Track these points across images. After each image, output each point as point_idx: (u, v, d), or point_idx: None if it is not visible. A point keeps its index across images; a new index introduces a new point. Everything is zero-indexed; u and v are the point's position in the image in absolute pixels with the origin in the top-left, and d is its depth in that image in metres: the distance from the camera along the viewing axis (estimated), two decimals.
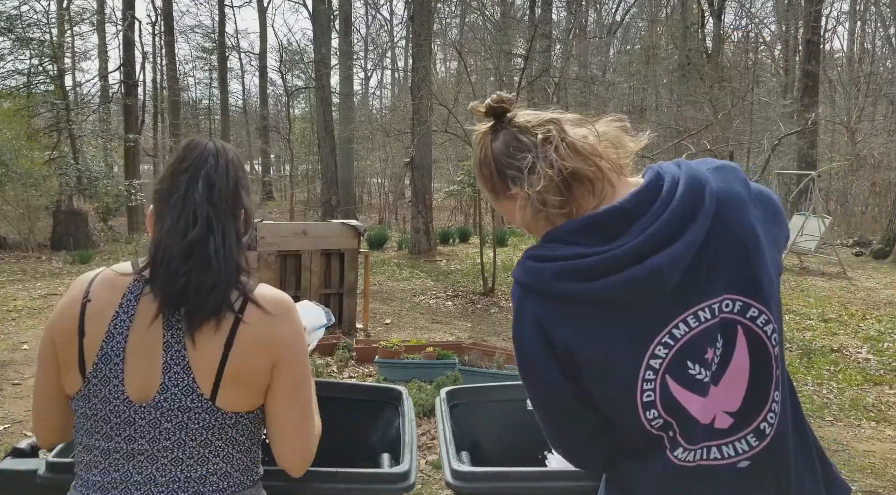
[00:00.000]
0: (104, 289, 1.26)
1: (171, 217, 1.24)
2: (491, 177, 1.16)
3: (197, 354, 1.22)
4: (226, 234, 1.25)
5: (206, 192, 1.26)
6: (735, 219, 1.06)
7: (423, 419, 4.39)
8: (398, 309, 8.33)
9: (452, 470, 1.56)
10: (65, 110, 16.08)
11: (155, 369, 1.22)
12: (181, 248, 1.21)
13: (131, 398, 1.22)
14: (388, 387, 1.98)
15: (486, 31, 18.23)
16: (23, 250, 13.09)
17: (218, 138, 1.38)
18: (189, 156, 1.29)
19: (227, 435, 1.26)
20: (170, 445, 1.23)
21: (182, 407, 1.22)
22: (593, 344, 1.06)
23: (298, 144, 25.11)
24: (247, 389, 1.25)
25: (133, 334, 1.23)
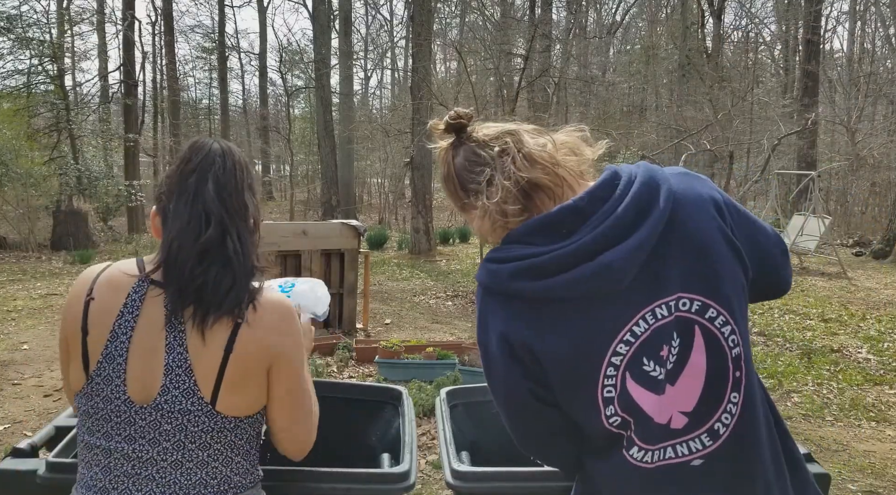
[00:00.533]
0: (108, 289, 1.26)
1: (181, 218, 1.24)
2: (456, 192, 1.19)
3: (199, 357, 1.22)
4: (240, 234, 1.26)
5: (216, 193, 1.26)
6: (693, 221, 1.07)
7: (423, 419, 4.39)
8: (398, 309, 8.33)
9: (452, 470, 1.56)
10: (65, 110, 16.07)
11: (157, 371, 1.22)
12: (197, 249, 1.21)
13: (133, 398, 1.23)
14: (388, 387, 1.98)
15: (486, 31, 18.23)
16: (23, 250, 13.09)
17: (221, 139, 1.38)
18: (195, 157, 1.29)
19: (227, 438, 1.26)
20: (169, 447, 1.23)
21: (182, 410, 1.22)
22: (552, 341, 1.07)
23: (298, 144, 25.10)
24: (246, 393, 1.26)
25: (137, 334, 1.23)
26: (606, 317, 1.06)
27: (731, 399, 1.09)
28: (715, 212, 1.10)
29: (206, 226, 1.23)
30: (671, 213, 1.06)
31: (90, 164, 15.84)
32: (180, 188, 1.27)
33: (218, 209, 1.25)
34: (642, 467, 1.10)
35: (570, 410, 1.13)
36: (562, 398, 1.12)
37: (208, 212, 1.24)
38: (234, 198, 1.28)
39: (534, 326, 1.08)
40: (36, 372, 5.53)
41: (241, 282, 1.23)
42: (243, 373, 1.23)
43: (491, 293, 1.12)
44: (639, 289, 1.05)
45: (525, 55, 11.51)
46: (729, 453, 1.09)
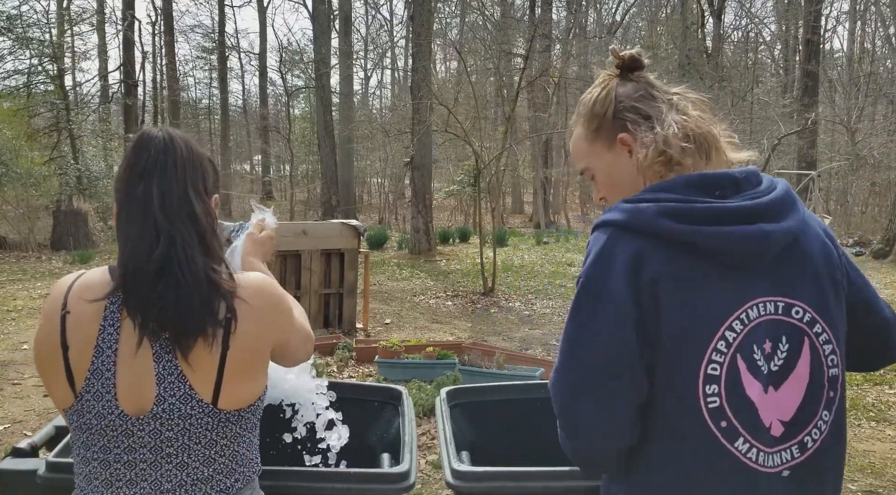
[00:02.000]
0: (83, 301, 1.20)
1: (133, 233, 1.19)
2: (602, 117, 1.20)
3: (192, 361, 1.18)
4: (186, 245, 1.19)
5: (160, 202, 1.20)
6: (812, 245, 1.14)
7: (423, 419, 4.39)
8: (398, 309, 8.33)
9: (452, 470, 1.56)
10: (65, 110, 16.07)
11: (148, 381, 1.18)
12: (150, 270, 1.16)
13: (126, 412, 1.18)
14: (388, 387, 1.98)
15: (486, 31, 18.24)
16: (23, 250, 13.09)
17: (167, 127, 1.31)
18: (140, 160, 1.23)
19: (232, 432, 1.24)
20: (173, 451, 1.20)
21: (182, 415, 1.19)
22: (679, 294, 1.05)
23: (298, 144, 25.10)
24: (250, 382, 1.24)
25: (122, 347, 1.18)
26: (732, 288, 1.07)
27: (823, 417, 1.12)
28: (832, 248, 1.18)
29: (156, 242, 1.17)
30: (802, 222, 1.13)
31: (90, 164, 15.85)
32: (129, 197, 1.22)
33: (164, 221, 1.19)
34: (750, 466, 1.06)
35: (666, 377, 1.07)
36: (664, 360, 1.06)
37: (157, 226, 1.18)
38: (176, 204, 1.21)
39: (666, 270, 1.05)
40: (36, 373, 5.52)
41: (196, 299, 1.16)
42: (245, 366, 1.22)
43: (627, 231, 1.07)
44: (763, 276, 1.08)
45: (525, 55, 11.51)
46: (812, 467, 1.11)
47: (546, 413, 2.01)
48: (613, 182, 1.21)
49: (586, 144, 1.23)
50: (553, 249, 14.94)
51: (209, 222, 1.25)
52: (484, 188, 10.97)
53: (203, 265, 1.19)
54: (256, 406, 1.28)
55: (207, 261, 1.21)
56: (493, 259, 9.56)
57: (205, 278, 1.19)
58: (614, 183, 1.21)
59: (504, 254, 13.01)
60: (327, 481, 1.48)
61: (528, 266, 12.25)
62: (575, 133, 1.25)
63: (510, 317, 8.03)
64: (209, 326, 1.17)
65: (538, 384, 2.26)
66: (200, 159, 1.29)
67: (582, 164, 1.26)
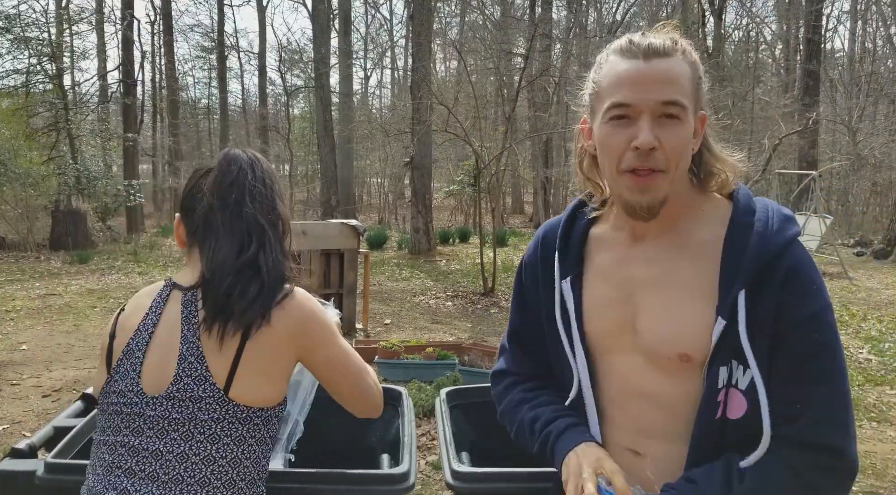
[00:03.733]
0: (137, 300, 1.37)
1: (225, 235, 1.30)
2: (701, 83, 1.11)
3: (212, 346, 1.24)
4: (273, 246, 1.32)
5: (254, 207, 1.33)
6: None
7: (423, 419, 4.38)
8: (398, 309, 8.33)
9: (452, 471, 1.55)
10: (63, 110, 16.06)
11: (171, 361, 1.25)
12: (237, 266, 1.27)
13: (145, 389, 1.25)
14: (388, 388, 1.97)
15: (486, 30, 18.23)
16: (21, 250, 13.08)
17: (247, 148, 1.45)
18: (231, 171, 1.35)
19: (237, 432, 1.25)
20: (177, 437, 1.22)
21: (193, 397, 1.23)
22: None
23: (298, 144, 25.11)
24: (266, 379, 1.27)
25: (158, 331, 1.29)
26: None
27: None
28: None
29: (249, 242, 1.30)
30: None
31: (89, 164, 15.83)
32: (223, 202, 1.32)
33: (258, 224, 1.31)
34: None
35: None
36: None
37: (250, 228, 1.31)
38: (269, 211, 1.34)
39: None
40: (34, 373, 5.52)
41: (266, 291, 1.27)
42: (261, 360, 1.25)
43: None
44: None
45: (525, 54, 11.51)
46: None
47: None
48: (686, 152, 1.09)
49: (691, 89, 1.07)
50: None
51: (286, 228, 1.39)
52: (484, 188, 10.96)
53: (283, 265, 1.32)
54: (268, 414, 1.29)
55: (285, 261, 1.34)
56: (494, 259, 9.56)
57: (281, 276, 1.31)
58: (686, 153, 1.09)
59: (504, 254, 13.00)
60: (327, 482, 1.48)
61: None
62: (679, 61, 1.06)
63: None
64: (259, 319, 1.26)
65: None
66: (276, 174, 1.44)
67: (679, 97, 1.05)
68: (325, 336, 1.35)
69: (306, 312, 1.32)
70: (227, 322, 1.24)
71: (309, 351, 1.32)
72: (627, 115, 1.05)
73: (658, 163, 1.05)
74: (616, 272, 1.19)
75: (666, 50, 1.05)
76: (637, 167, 1.06)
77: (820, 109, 17.11)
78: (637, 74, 1.04)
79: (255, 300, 1.25)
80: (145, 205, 21.28)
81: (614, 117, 1.06)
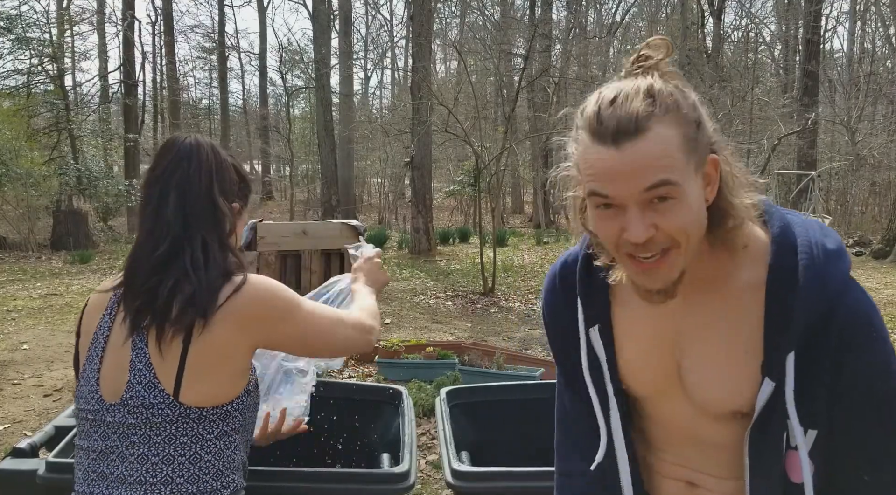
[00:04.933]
0: (98, 295, 1.34)
1: (144, 230, 1.29)
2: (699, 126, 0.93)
3: (157, 351, 1.23)
4: (205, 242, 1.26)
5: (178, 202, 1.27)
6: None
7: (423, 419, 4.38)
8: (398, 309, 8.33)
9: (452, 470, 1.56)
10: (65, 110, 16.06)
11: (124, 368, 1.25)
12: (151, 263, 1.25)
13: (104, 397, 1.26)
14: (388, 387, 1.98)
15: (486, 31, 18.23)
16: (23, 250, 13.08)
17: (196, 135, 1.37)
18: (161, 163, 1.31)
19: (193, 430, 1.24)
20: (136, 440, 1.23)
21: (146, 404, 1.22)
22: None
23: (298, 144, 25.09)
24: (217, 379, 1.25)
25: (112, 335, 1.28)
26: None
27: None
28: None
29: (163, 241, 1.25)
30: None
31: (90, 164, 15.83)
32: (145, 198, 1.30)
33: (177, 220, 1.26)
34: None
35: None
36: None
37: (168, 224, 1.26)
38: (199, 204, 1.28)
39: None
40: (36, 372, 5.52)
41: (202, 293, 1.22)
42: (210, 362, 1.23)
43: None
44: None
45: (525, 55, 11.51)
46: None
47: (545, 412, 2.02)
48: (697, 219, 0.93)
49: (682, 154, 0.90)
50: (553, 249, 14.93)
51: (232, 223, 1.33)
52: (484, 188, 10.96)
53: (214, 265, 1.25)
54: (224, 410, 1.26)
55: (220, 262, 1.27)
56: (493, 259, 9.56)
57: (220, 273, 1.25)
58: (697, 221, 0.93)
59: (504, 254, 13.00)
60: (327, 481, 1.48)
61: (528, 266, 12.24)
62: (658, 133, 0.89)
63: (510, 317, 8.03)
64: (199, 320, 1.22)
65: (538, 384, 2.26)
66: (225, 165, 1.35)
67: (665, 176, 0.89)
68: (283, 315, 1.30)
69: (258, 302, 1.27)
70: (162, 328, 1.22)
71: (266, 336, 1.29)
72: (612, 204, 0.91)
73: (661, 245, 0.92)
74: (651, 320, 1.05)
75: (638, 126, 0.88)
76: (638, 256, 0.93)
77: (819, 110, 17.11)
78: (610, 167, 0.89)
79: (190, 301, 1.21)
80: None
81: (599, 206, 0.93)
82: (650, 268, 0.93)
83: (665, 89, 0.92)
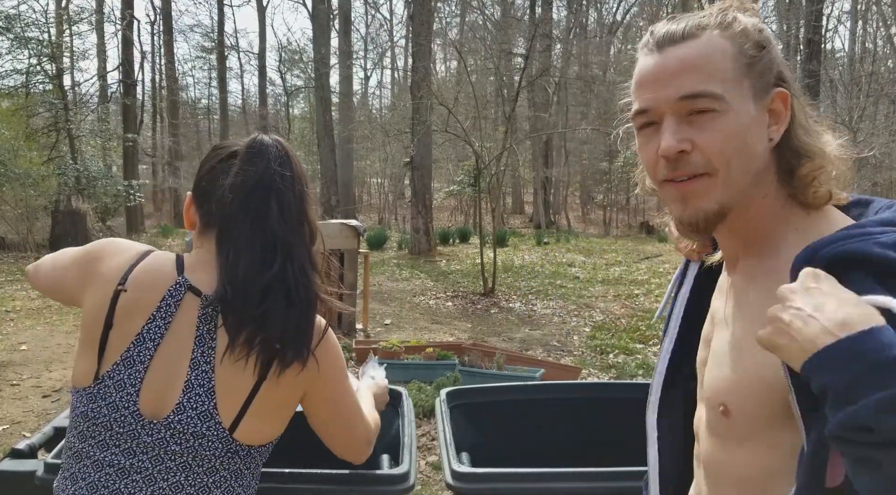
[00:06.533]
0: (143, 285, 1.15)
1: (248, 244, 1.14)
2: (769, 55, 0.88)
3: (226, 378, 1.12)
4: (301, 261, 1.16)
5: (280, 215, 1.15)
6: None
7: (423, 419, 4.37)
8: (398, 309, 8.32)
9: (452, 471, 1.55)
10: (63, 110, 16.05)
11: (175, 385, 1.12)
12: (263, 283, 1.12)
13: (142, 411, 1.12)
14: (388, 388, 1.97)
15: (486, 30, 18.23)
16: (21, 250, 13.08)
17: (275, 137, 1.24)
18: (257, 167, 1.16)
19: (235, 466, 1.18)
20: (174, 467, 1.13)
21: (196, 433, 1.12)
22: None
23: (298, 144, 25.12)
24: (273, 420, 1.19)
25: (165, 343, 1.13)
26: None
27: None
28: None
29: (273, 256, 1.13)
30: None
31: (89, 164, 15.83)
32: (244, 204, 1.15)
33: (284, 236, 1.15)
34: None
35: None
36: None
37: (275, 239, 1.14)
38: (297, 220, 1.18)
39: None
40: (34, 373, 5.52)
41: (305, 321, 1.15)
42: (274, 401, 1.16)
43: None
44: None
45: (525, 55, 11.51)
46: None
47: (545, 413, 2.01)
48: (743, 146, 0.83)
49: (734, 68, 0.83)
50: (553, 250, 14.93)
51: (314, 239, 1.22)
52: (484, 188, 10.96)
53: (315, 285, 1.18)
54: (266, 448, 1.23)
55: (317, 281, 1.19)
56: (494, 259, 9.55)
57: (313, 299, 1.17)
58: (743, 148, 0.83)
59: (504, 254, 13.00)
60: (326, 483, 1.47)
61: (528, 266, 12.24)
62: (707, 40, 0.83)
63: (510, 317, 8.02)
64: (306, 349, 1.14)
65: (538, 385, 2.25)
66: (306, 173, 1.25)
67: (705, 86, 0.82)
68: (338, 375, 1.25)
69: (333, 355, 1.22)
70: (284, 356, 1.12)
71: (315, 387, 1.21)
72: (652, 120, 0.86)
73: (696, 167, 0.83)
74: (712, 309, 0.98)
75: (687, 32, 0.83)
76: (670, 177, 0.85)
77: (820, 109, 17.11)
78: (649, 72, 0.85)
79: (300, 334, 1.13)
80: (145, 205, 21.28)
81: (640, 126, 0.88)
82: (682, 188, 0.85)
83: (729, 13, 0.86)
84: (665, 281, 10.81)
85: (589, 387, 2.27)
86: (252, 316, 1.10)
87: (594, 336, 7.08)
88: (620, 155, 19.40)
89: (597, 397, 2.03)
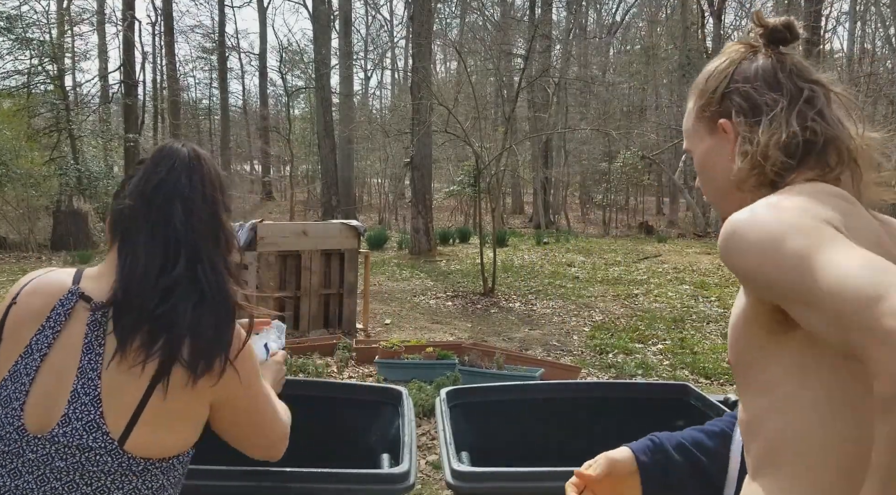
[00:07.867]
0: (33, 296, 1.12)
1: (145, 245, 1.11)
2: (712, 93, 1.01)
3: (114, 385, 1.05)
4: (214, 263, 1.12)
5: (185, 216, 1.12)
6: None
7: (423, 419, 4.38)
8: (398, 309, 8.33)
9: (452, 471, 1.56)
10: (65, 110, 16.08)
11: (62, 396, 1.04)
12: (162, 285, 1.08)
13: (27, 426, 1.04)
14: (388, 387, 1.98)
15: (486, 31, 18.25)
16: (23, 250, 13.09)
17: (190, 144, 1.22)
18: (160, 170, 1.15)
19: (131, 484, 1.06)
20: (59, 487, 1.03)
21: (82, 446, 1.03)
22: None
23: (298, 144, 25.12)
24: (173, 428, 1.10)
25: (53, 353, 1.07)
26: None
27: None
28: None
29: (176, 258, 1.09)
30: None
31: (90, 165, 15.86)
32: (146, 208, 1.12)
33: (191, 240, 1.11)
34: None
35: None
36: None
37: (178, 242, 1.10)
38: (207, 225, 1.14)
39: None
40: None
41: (224, 321, 1.10)
42: (172, 408, 1.07)
43: None
44: None
45: (525, 55, 11.53)
46: None
47: (545, 412, 2.02)
48: (706, 173, 1.04)
49: (691, 122, 1.06)
50: (553, 250, 14.94)
51: (231, 246, 1.18)
52: (484, 188, 10.97)
53: (231, 290, 1.14)
54: (170, 463, 1.11)
55: (229, 292, 1.13)
56: (493, 259, 9.56)
57: (232, 304, 1.13)
58: (707, 174, 1.04)
59: (504, 254, 13.00)
60: (326, 482, 1.48)
61: (528, 266, 12.25)
62: (687, 106, 1.08)
63: (510, 317, 8.03)
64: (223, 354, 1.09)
65: (538, 384, 2.26)
66: (224, 182, 1.22)
67: (685, 144, 1.09)
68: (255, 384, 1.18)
69: (249, 364, 1.15)
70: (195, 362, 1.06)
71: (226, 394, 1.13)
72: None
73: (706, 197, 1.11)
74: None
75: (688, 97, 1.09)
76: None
77: None
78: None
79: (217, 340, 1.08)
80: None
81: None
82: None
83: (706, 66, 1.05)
84: (664, 281, 10.82)
85: (588, 387, 2.28)
86: (151, 315, 1.06)
87: (593, 335, 7.08)
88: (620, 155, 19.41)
89: (596, 397, 2.04)
